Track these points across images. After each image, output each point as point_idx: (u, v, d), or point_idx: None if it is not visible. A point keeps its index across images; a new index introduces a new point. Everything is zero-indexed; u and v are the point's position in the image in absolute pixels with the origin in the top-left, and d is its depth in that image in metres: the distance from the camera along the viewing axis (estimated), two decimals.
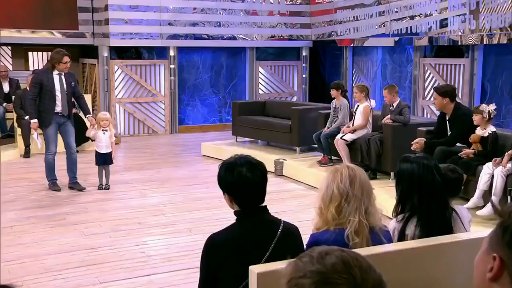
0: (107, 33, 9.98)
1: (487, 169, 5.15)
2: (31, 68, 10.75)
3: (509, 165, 5.02)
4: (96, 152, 6.45)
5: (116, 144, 9.37)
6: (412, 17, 8.81)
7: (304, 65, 11.61)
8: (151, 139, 10.12)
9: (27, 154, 8.33)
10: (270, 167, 6.46)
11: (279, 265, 1.44)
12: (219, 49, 11.06)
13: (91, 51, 10.48)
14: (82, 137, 8.63)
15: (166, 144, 9.64)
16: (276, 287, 1.00)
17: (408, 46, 9.21)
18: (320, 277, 0.91)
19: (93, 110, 10.12)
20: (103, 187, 6.50)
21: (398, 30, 9.13)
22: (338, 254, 0.94)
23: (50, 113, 6.22)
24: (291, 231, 2.25)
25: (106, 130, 6.42)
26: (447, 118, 5.87)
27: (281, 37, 11.33)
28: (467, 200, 5.15)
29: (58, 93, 6.22)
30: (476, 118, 5.52)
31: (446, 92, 5.85)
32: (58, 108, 6.25)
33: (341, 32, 10.55)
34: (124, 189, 6.58)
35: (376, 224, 2.26)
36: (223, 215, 5.30)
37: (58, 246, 4.67)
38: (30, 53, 10.96)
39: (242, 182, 2.18)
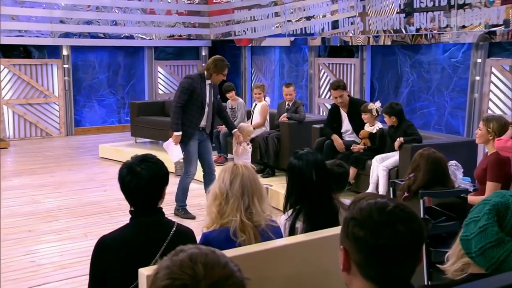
0: None
1: (375, 163, 5.47)
2: None
3: (389, 160, 5.38)
4: None
5: (4, 148, 8.89)
6: (307, 18, 9.11)
7: (203, 64, 11.59)
8: (45, 142, 9.63)
9: None
10: (170, 167, 6.37)
11: None
12: (116, 48, 10.75)
13: None
14: None
15: (61, 147, 9.22)
16: None
17: (304, 46, 9.51)
18: (166, 272, 0.98)
19: None
20: None
21: (293, 30, 9.40)
22: (190, 252, 1.01)
23: (195, 127, 5.47)
24: (184, 234, 2.24)
25: (248, 143, 6.03)
26: (346, 111, 6.11)
27: (180, 37, 11.24)
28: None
29: (207, 106, 5.50)
30: (365, 117, 5.84)
31: (344, 85, 6.15)
32: (203, 122, 5.51)
33: (239, 32, 10.67)
34: (13, 196, 6.21)
35: (262, 223, 2.31)
36: (121, 218, 5.17)
37: None
38: None
39: (130, 177, 2.16)
